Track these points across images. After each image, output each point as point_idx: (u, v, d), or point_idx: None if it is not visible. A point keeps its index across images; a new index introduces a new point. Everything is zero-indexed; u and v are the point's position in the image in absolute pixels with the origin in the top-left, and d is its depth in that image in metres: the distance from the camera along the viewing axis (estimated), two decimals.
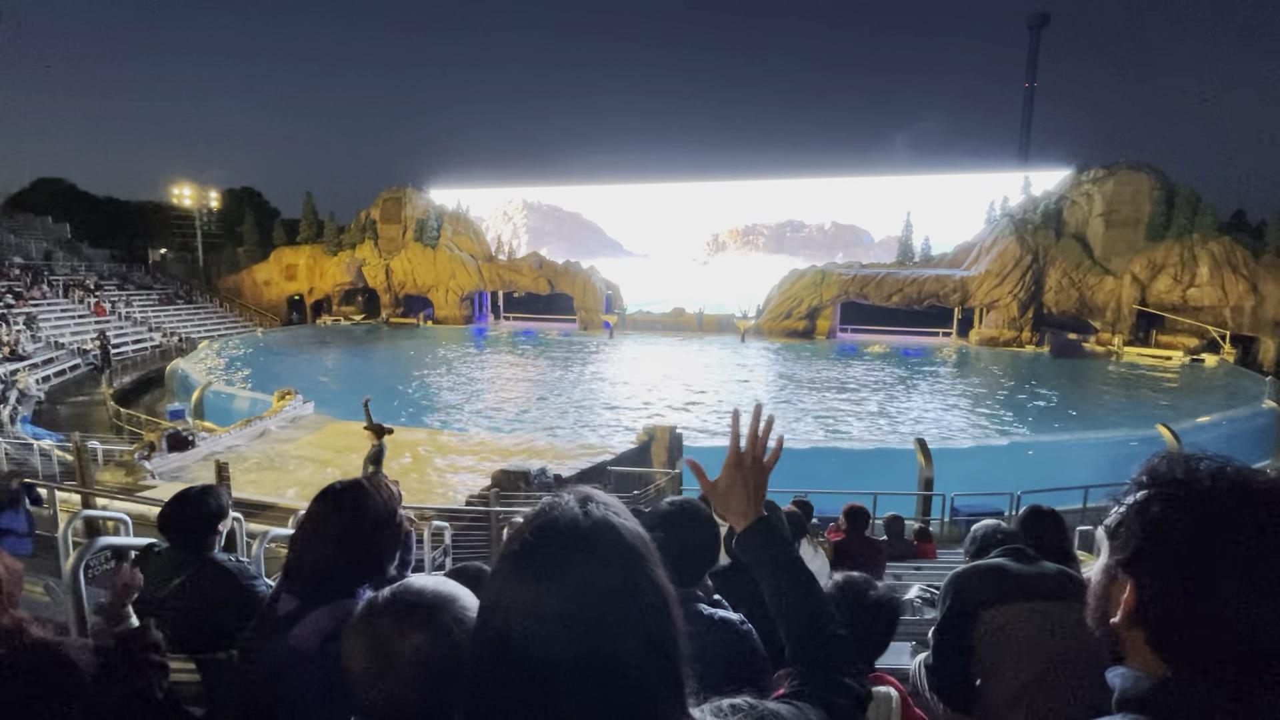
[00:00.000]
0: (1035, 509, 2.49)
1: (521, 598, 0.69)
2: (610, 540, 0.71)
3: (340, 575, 1.49)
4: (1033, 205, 36.55)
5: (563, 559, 0.70)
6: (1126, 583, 0.74)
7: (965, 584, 1.86)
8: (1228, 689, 0.66)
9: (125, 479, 10.87)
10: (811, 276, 38.71)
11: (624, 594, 0.69)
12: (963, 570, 1.93)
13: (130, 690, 1.60)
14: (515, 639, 0.67)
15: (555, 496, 0.76)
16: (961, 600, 1.83)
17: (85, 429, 15.25)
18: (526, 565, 0.71)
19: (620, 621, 0.68)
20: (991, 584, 1.81)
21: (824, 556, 4.33)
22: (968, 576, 1.88)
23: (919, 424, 19.84)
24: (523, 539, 0.72)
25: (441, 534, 7.70)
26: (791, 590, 1.16)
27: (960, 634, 1.79)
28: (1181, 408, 20.85)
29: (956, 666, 1.79)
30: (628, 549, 0.72)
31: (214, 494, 2.40)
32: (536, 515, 0.74)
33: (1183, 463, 0.75)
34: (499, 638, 0.69)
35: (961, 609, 1.82)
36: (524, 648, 0.67)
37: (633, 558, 0.72)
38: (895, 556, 6.52)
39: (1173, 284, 31.23)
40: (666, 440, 12.92)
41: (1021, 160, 77.95)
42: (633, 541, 0.73)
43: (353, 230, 46.05)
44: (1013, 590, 1.77)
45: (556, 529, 0.72)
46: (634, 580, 0.71)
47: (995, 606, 1.74)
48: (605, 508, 0.75)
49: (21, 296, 29.27)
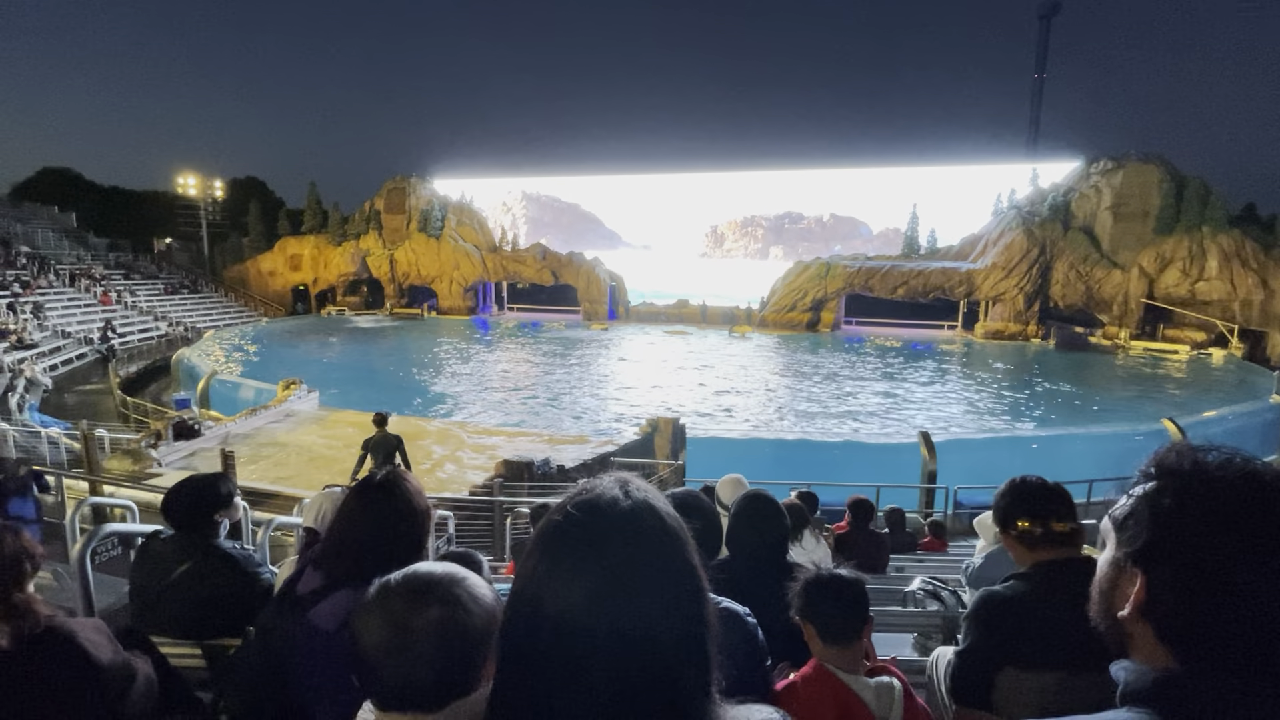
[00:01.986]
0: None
1: (560, 572, 0.70)
2: (651, 522, 0.73)
3: (377, 560, 1.54)
4: (1040, 198, 36.25)
5: (604, 537, 0.71)
6: (1136, 575, 0.73)
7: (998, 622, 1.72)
8: (1238, 682, 0.65)
9: (132, 467, 10.95)
10: (816, 268, 38.55)
11: (662, 575, 0.71)
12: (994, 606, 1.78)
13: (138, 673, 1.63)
14: (551, 612, 0.68)
15: (596, 478, 0.78)
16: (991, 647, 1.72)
17: (92, 417, 15.35)
18: (568, 540, 0.72)
19: (657, 602, 0.69)
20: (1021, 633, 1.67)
21: (826, 547, 4.34)
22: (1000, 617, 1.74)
23: (922, 417, 19.81)
24: (565, 513, 0.73)
25: (445, 523, 7.74)
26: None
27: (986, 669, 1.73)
28: (1188, 402, 20.76)
29: (980, 690, 1.75)
30: (668, 531, 0.73)
31: (219, 480, 2.41)
32: (578, 493, 0.75)
33: (1191, 454, 0.74)
34: (534, 610, 0.70)
35: (989, 659, 1.71)
36: (560, 621, 0.68)
37: (672, 540, 0.73)
38: (896, 549, 6.53)
39: (1181, 277, 30.99)
40: (669, 431, 12.94)
41: (1029, 152, 77.19)
42: (672, 524, 0.74)
43: (357, 220, 46.04)
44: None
45: (599, 506, 0.73)
46: (672, 562, 0.72)
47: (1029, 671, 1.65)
48: (644, 491, 0.76)
49: (29, 285, 29.40)
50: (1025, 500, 1.81)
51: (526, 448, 12.35)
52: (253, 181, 54.40)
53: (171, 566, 2.26)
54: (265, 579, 2.33)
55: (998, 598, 1.75)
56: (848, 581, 1.70)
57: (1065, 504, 1.81)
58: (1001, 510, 1.85)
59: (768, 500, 2.23)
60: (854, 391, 23.64)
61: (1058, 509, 1.78)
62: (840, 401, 22.14)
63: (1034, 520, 1.77)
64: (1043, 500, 1.80)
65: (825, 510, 7.14)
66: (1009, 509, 1.83)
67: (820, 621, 1.66)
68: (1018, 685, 1.66)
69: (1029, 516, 1.78)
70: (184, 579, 2.23)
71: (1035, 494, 1.82)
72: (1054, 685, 1.60)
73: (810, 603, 1.68)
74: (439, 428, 14.96)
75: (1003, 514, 1.84)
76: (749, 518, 2.18)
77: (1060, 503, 1.81)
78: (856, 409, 21.24)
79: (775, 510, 2.20)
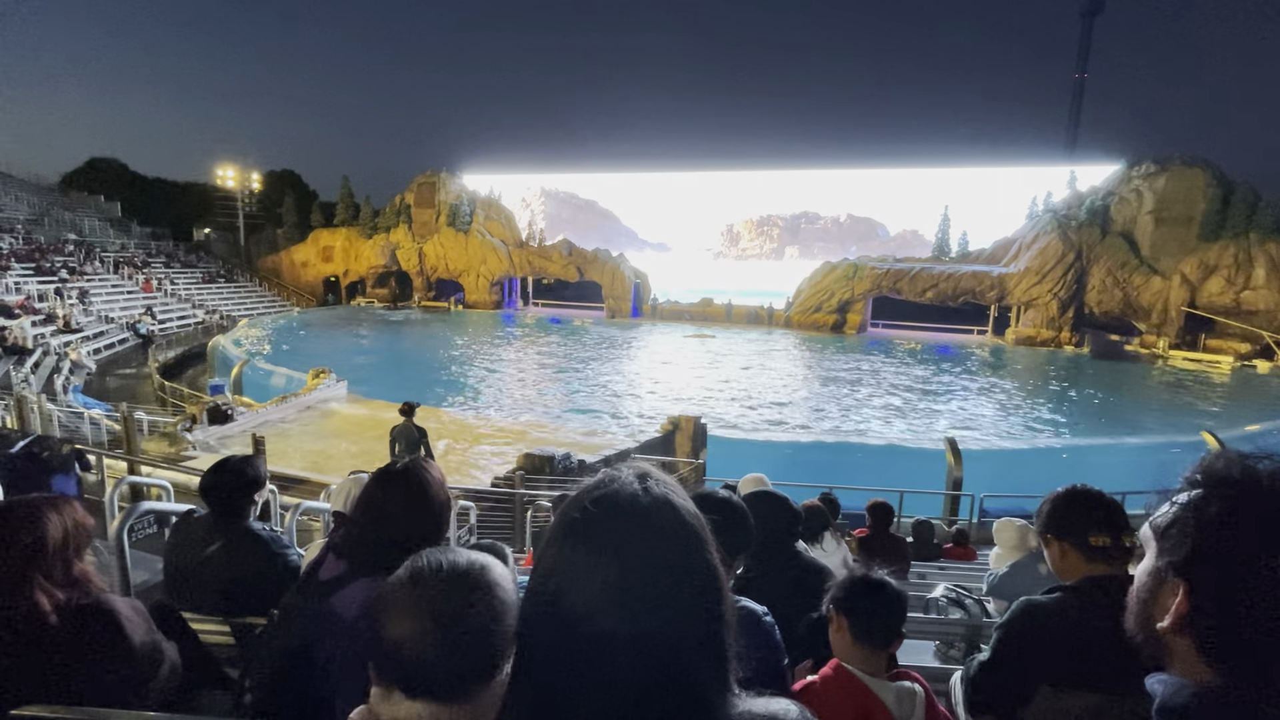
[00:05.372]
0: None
1: (579, 567, 0.69)
2: (670, 518, 0.72)
3: (396, 548, 1.55)
4: (1078, 201, 35.27)
5: (623, 532, 0.70)
6: (1177, 586, 0.70)
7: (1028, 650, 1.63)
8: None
9: (168, 449, 11.31)
10: (843, 269, 38.06)
11: (681, 571, 0.70)
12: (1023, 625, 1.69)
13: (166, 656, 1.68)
14: (569, 607, 0.68)
15: (613, 470, 0.76)
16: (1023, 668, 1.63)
17: (132, 400, 15.87)
18: (586, 536, 0.71)
19: (676, 598, 0.68)
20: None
21: (846, 550, 4.28)
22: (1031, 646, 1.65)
23: (949, 422, 19.44)
24: (583, 509, 0.72)
25: (467, 514, 7.84)
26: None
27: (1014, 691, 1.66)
28: (1229, 415, 20.04)
29: (1005, 705, 1.68)
30: (687, 528, 0.72)
31: (253, 463, 2.47)
32: (596, 487, 0.74)
33: (1241, 462, 0.71)
34: (553, 604, 0.70)
35: (1023, 673, 1.62)
36: (578, 616, 0.68)
37: (691, 537, 0.72)
38: (922, 560, 6.44)
39: (1225, 286, 29.90)
40: (691, 430, 12.91)
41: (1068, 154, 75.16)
42: (691, 521, 0.73)
43: (388, 214, 46.79)
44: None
45: (618, 502, 0.72)
46: (691, 559, 0.71)
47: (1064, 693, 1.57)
48: (664, 485, 0.75)
49: (75, 272, 30.50)
50: (1097, 511, 1.71)
51: (548, 441, 12.44)
52: (288, 174, 55.56)
53: (204, 545, 2.32)
54: (293, 560, 2.38)
55: (1042, 610, 1.65)
56: (894, 587, 1.68)
57: (1127, 519, 1.72)
58: (1063, 517, 1.73)
59: (773, 496, 2.23)
60: (880, 395, 23.30)
61: (1127, 523, 1.69)
62: (865, 405, 21.85)
63: (1106, 532, 1.67)
64: (1114, 512, 1.71)
65: (847, 515, 7.06)
66: (1074, 516, 1.71)
67: (858, 619, 1.63)
68: (1054, 705, 1.58)
69: (1100, 527, 1.68)
70: (215, 557, 2.29)
71: (1104, 504, 1.72)
72: (1093, 707, 1.52)
73: (851, 598, 1.66)
74: (461, 419, 15.14)
75: (1064, 521, 1.73)
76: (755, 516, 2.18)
77: (1125, 517, 1.72)
78: (881, 412, 20.94)
79: (781, 506, 2.19)
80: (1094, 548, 1.68)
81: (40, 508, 1.53)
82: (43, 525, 1.49)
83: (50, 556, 1.49)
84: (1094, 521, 1.70)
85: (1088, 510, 1.72)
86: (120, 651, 1.53)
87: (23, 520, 1.49)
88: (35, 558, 1.47)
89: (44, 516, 1.51)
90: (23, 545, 1.46)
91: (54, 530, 1.51)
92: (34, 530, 1.48)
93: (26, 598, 1.43)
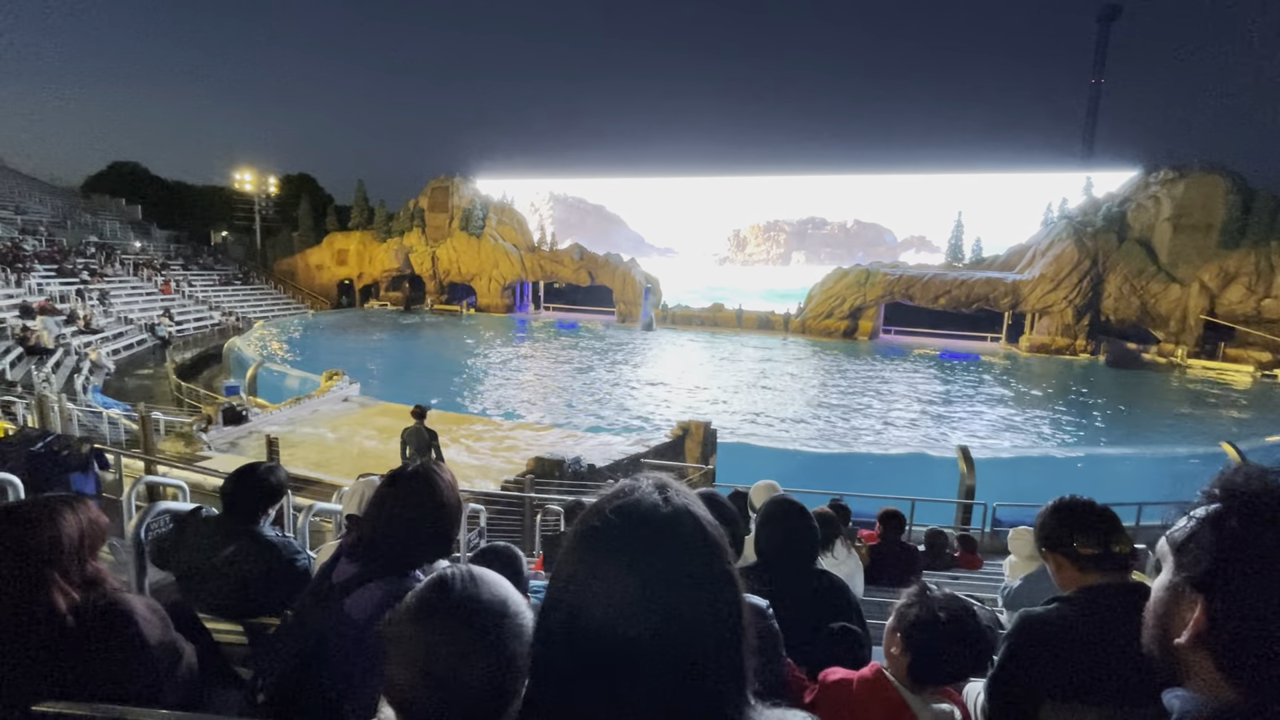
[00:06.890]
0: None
1: (599, 576, 0.69)
2: (690, 529, 0.71)
3: (409, 552, 1.59)
4: (1094, 207, 34.89)
5: (643, 543, 0.70)
6: (1195, 601, 0.70)
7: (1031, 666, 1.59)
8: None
9: (184, 449, 11.46)
10: (855, 275, 37.88)
11: (701, 582, 0.70)
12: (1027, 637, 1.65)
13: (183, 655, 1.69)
14: (587, 617, 0.68)
15: (632, 480, 0.76)
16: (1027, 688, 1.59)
17: (149, 400, 16.10)
18: (605, 546, 0.71)
19: (695, 609, 0.68)
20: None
21: (857, 558, 4.25)
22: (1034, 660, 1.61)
23: (961, 431, 19.25)
24: (603, 518, 0.72)
25: (477, 516, 7.86)
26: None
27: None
28: (1250, 426, 19.68)
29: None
30: (707, 538, 0.72)
31: (275, 473, 2.50)
32: (616, 496, 0.74)
33: (1261, 476, 0.70)
34: (571, 614, 0.69)
35: (1027, 688, 1.58)
36: (596, 626, 0.67)
37: (710, 547, 0.72)
38: (933, 569, 6.37)
39: (1246, 294, 29.42)
40: (701, 435, 12.88)
41: (1084, 160, 74.34)
42: (711, 532, 0.73)
43: (401, 218, 47.25)
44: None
45: (638, 511, 0.72)
46: (710, 570, 0.71)
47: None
48: (683, 496, 0.75)
49: (96, 273, 31.03)
50: (1082, 519, 1.71)
51: (558, 445, 12.46)
52: (304, 178, 56.26)
53: (214, 547, 2.34)
54: (303, 564, 2.40)
55: (1039, 621, 1.62)
56: (976, 626, 1.52)
57: (1120, 526, 1.72)
58: (1052, 529, 1.74)
59: (794, 505, 2.20)
60: (891, 402, 23.14)
61: (1116, 531, 1.69)
62: (876, 412, 21.69)
63: (1093, 540, 1.67)
64: (1102, 520, 1.70)
65: (857, 522, 7.01)
66: (1062, 527, 1.72)
67: (923, 659, 1.51)
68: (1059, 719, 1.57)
69: (1087, 536, 1.67)
70: (229, 561, 2.32)
71: (1091, 513, 1.72)
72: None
73: (923, 633, 1.52)
74: (472, 423, 15.20)
75: (1054, 533, 1.73)
76: (777, 522, 2.15)
77: (1116, 525, 1.71)
78: (893, 419, 20.78)
79: (802, 515, 2.17)
80: (1084, 557, 1.67)
81: (56, 507, 1.54)
82: (59, 524, 1.50)
83: (66, 555, 1.50)
84: (1080, 530, 1.69)
85: (1073, 520, 1.72)
86: (136, 650, 1.54)
87: (39, 519, 1.49)
88: (52, 556, 1.48)
89: (60, 515, 1.51)
90: (39, 544, 1.47)
91: (70, 529, 1.51)
92: (50, 529, 1.49)
93: (44, 596, 1.45)
